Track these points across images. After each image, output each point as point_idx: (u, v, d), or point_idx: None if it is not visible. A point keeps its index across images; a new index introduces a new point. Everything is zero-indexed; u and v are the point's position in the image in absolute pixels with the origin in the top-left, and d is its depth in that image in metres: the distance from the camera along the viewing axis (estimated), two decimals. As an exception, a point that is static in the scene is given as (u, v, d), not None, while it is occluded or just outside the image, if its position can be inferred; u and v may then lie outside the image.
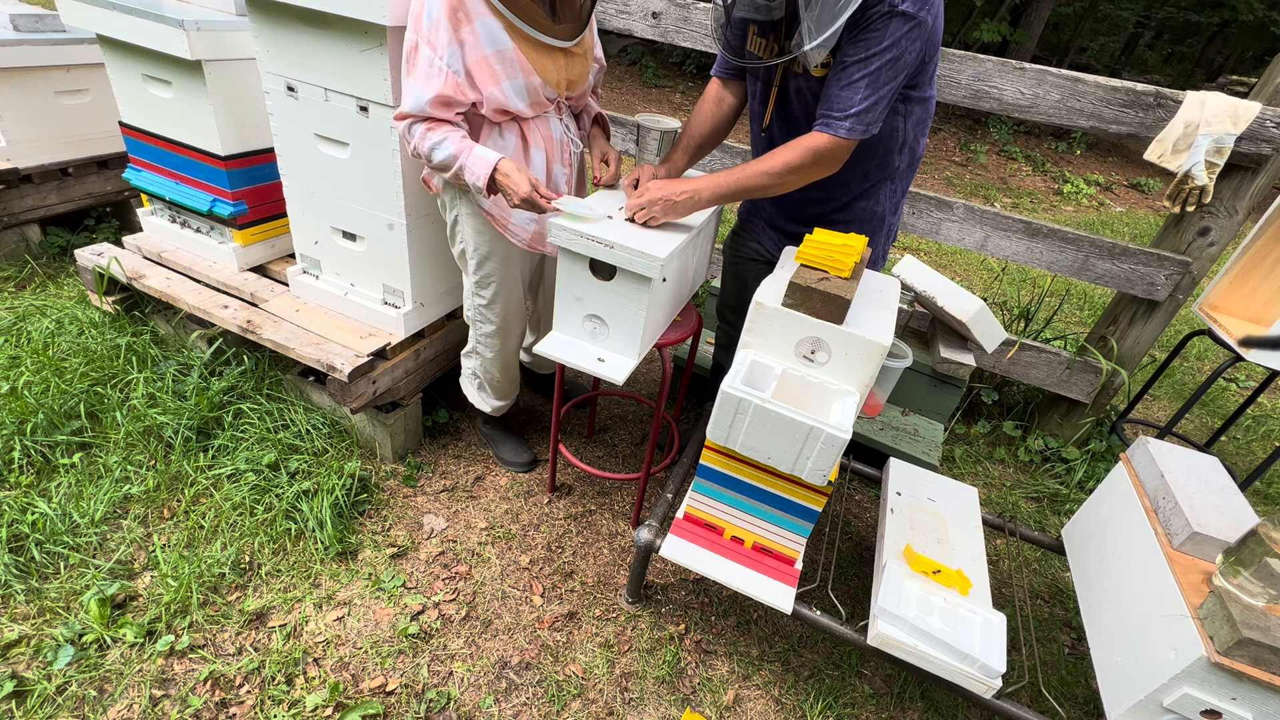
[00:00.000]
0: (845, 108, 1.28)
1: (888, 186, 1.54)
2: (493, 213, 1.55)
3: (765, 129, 1.53)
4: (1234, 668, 1.02)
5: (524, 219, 1.57)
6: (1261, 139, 1.89)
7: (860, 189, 1.53)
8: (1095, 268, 2.22)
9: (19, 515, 1.61)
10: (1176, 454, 1.44)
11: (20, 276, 2.50)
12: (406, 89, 1.36)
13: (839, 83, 1.28)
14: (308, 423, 1.95)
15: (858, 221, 1.57)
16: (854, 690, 1.61)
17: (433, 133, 1.37)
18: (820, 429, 1.14)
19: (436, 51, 1.31)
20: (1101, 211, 6.59)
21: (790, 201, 1.60)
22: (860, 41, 1.23)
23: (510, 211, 1.55)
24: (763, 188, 1.40)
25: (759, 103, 1.54)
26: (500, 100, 1.39)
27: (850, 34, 1.24)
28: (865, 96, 1.27)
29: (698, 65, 8.87)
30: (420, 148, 1.39)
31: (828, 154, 1.34)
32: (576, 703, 1.48)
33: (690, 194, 1.43)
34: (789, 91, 1.44)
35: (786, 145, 1.36)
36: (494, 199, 1.51)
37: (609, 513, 2.00)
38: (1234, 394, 3.36)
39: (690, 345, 2.05)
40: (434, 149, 1.38)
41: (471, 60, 1.34)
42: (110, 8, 1.74)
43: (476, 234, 1.60)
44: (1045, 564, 2.08)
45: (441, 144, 1.37)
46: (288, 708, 1.37)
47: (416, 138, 1.38)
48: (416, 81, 1.34)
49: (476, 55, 1.34)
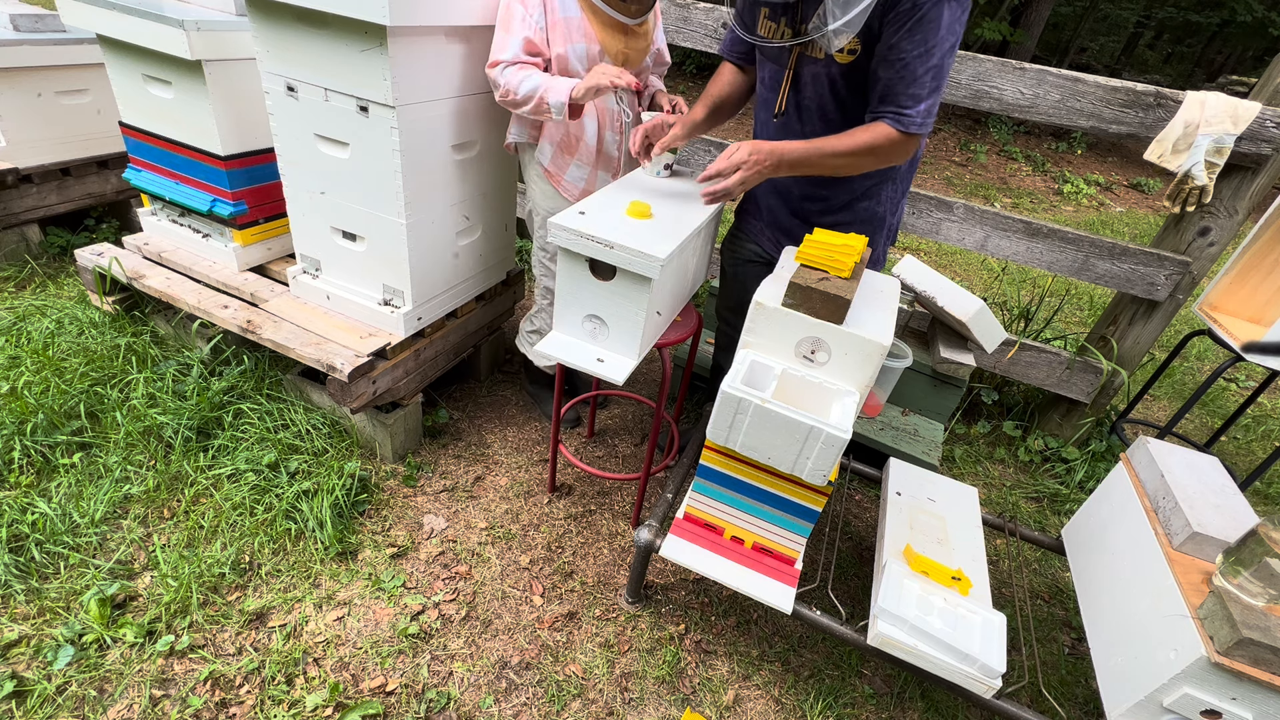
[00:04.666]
0: (914, 103, 1.26)
1: (889, 187, 1.54)
2: (551, 170, 1.80)
3: (779, 115, 1.49)
4: (1234, 668, 1.02)
5: (575, 176, 1.82)
6: (1261, 139, 1.89)
7: (862, 189, 1.52)
8: (1095, 268, 2.22)
9: (19, 515, 1.61)
10: (1176, 454, 1.44)
11: (20, 276, 2.50)
12: (500, 41, 1.59)
13: (903, 79, 1.25)
14: (308, 423, 1.95)
15: (859, 222, 1.57)
16: (854, 690, 1.61)
17: (521, 70, 1.59)
18: (820, 429, 1.14)
19: (527, 9, 1.57)
20: (1101, 211, 6.59)
21: (792, 199, 1.60)
22: (917, 34, 1.20)
23: (566, 168, 1.80)
24: (832, 166, 1.37)
25: (770, 89, 1.50)
26: (566, 60, 1.63)
27: (900, 25, 1.20)
28: (933, 90, 1.26)
29: (698, 65, 8.87)
30: (510, 83, 1.59)
31: (899, 147, 1.32)
32: (576, 703, 1.48)
33: (775, 155, 1.37)
34: (804, 78, 1.41)
35: (862, 128, 1.33)
36: (553, 156, 1.78)
37: (609, 513, 2.00)
38: (1234, 394, 3.36)
39: (690, 345, 2.05)
40: (521, 83, 1.58)
41: (550, 21, 1.60)
42: (110, 8, 1.74)
43: (542, 194, 1.85)
44: (1045, 564, 2.08)
45: (527, 78, 1.58)
46: (288, 708, 1.37)
47: (507, 76, 1.59)
48: (512, 32, 1.58)
49: (554, 18, 1.60)
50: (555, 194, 1.83)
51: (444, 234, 1.86)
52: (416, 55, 1.52)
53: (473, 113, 1.78)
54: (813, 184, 1.52)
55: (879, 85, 1.29)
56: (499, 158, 1.96)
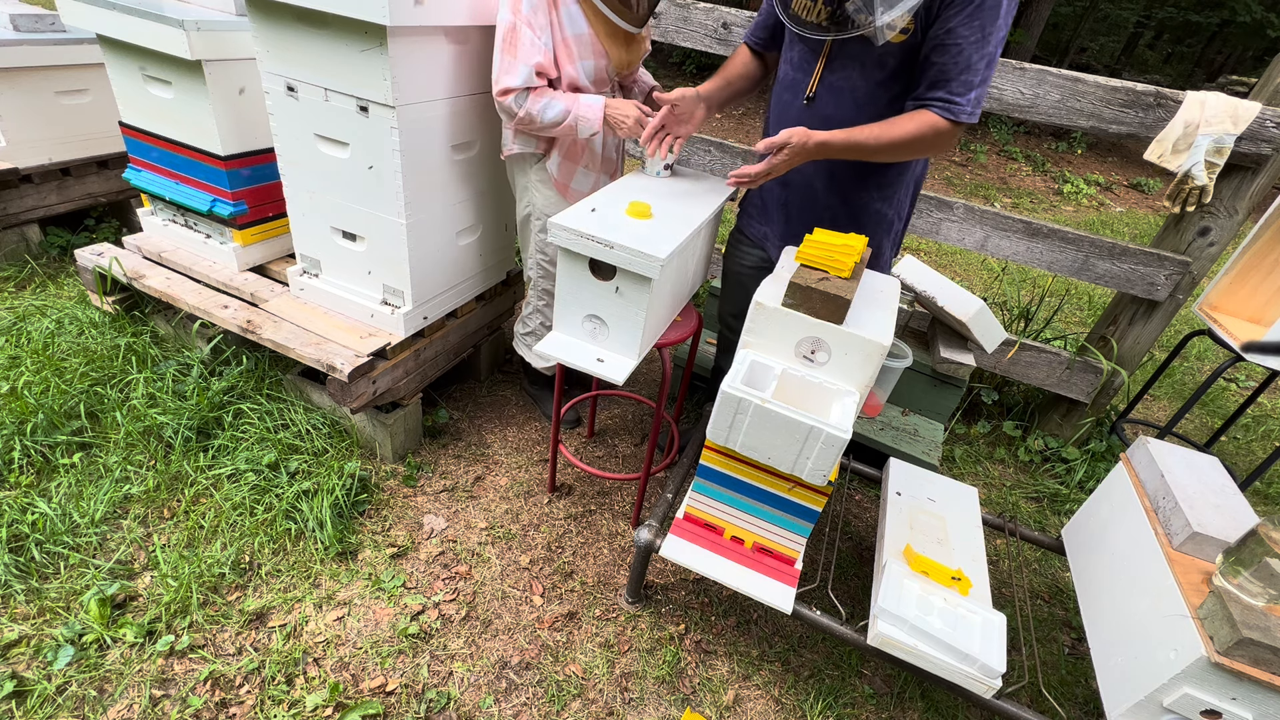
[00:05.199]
0: (965, 90, 1.24)
1: (902, 191, 1.53)
2: (557, 177, 1.78)
3: (810, 100, 1.43)
4: (1234, 668, 1.02)
5: (582, 183, 1.82)
6: (1261, 139, 1.89)
7: (879, 192, 1.50)
8: (1095, 268, 2.22)
9: (19, 515, 1.61)
10: (1176, 454, 1.44)
11: (20, 276, 2.50)
12: (508, 66, 1.54)
13: (956, 65, 1.23)
14: (308, 423, 1.95)
15: (870, 225, 1.55)
16: (854, 690, 1.61)
17: (541, 97, 1.58)
18: (820, 429, 1.14)
19: (535, 31, 1.53)
20: (1101, 211, 6.59)
21: (811, 197, 1.56)
22: (976, 20, 1.19)
23: (573, 175, 1.79)
24: (875, 151, 1.34)
25: (799, 70, 1.44)
26: (573, 77, 1.62)
27: (960, 9, 1.19)
28: (984, 80, 1.24)
29: (698, 65, 8.87)
30: (531, 110, 1.58)
31: (946, 137, 1.30)
32: (576, 703, 1.48)
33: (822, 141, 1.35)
34: (839, 58, 1.36)
35: (906, 118, 1.31)
36: (560, 165, 1.77)
37: (609, 513, 2.00)
38: (1234, 394, 3.36)
39: (690, 345, 2.05)
40: (544, 109, 1.58)
41: (557, 40, 1.58)
42: (110, 8, 1.74)
43: (544, 198, 1.82)
44: (1045, 564, 2.08)
45: (550, 104, 1.58)
46: (288, 708, 1.37)
47: (527, 104, 1.57)
48: (520, 57, 1.53)
49: (560, 36, 1.57)
50: (563, 201, 1.82)
51: (444, 234, 1.86)
52: (416, 55, 1.52)
53: (472, 113, 1.78)
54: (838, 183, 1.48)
55: (931, 70, 1.26)
56: (499, 158, 1.96)
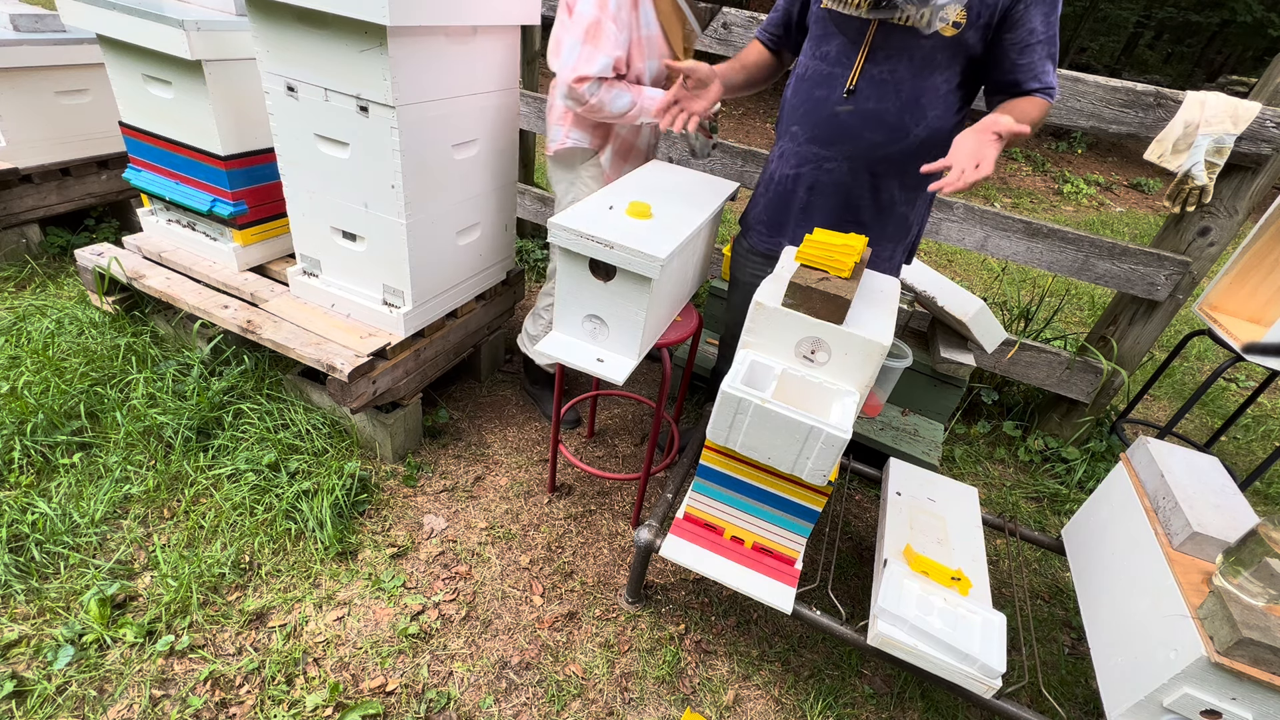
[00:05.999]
0: (1052, 74, 1.31)
1: (925, 194, 1.52)
2: (610, 173, 1.88)
3: (850, 92, 1.38)
4: (1234, 668, 1.02)
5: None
6: (1261, 139, 1.89)
7: (906, 194, 1.49)
8: (1095, 268, 2.22)
9: (19, 515, 1.61)
10: (1176, 454, 1.44)
11: (20, 276, 2.50)
12: (588, 55, 1.61)
13: (1037, 54, 1.29)
14: (308, 423, 1.95)
15: (892, 226, 1.54)
16: (854, 690, 1.61)
17: (612, 88, 1.66)
18: (820, 429, 1.14)
19: (619, 27, 1.62)
20: (1101, 211, 6.59)
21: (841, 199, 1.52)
22: (1045, 6, 1.25)
23: (621, 170, 1.90)
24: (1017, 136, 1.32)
25: (835, 65, 1.40)
26: (641, 72, 1.73)
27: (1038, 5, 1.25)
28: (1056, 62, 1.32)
29: (698, 65, 8.86)
30: (602, 99, 1.65)
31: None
32: (576, 703, 1.48)
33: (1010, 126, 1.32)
34: (882, 51, 1.33)
35: (1027, 102, 1.32)
36: (613, 161, 1.87)
37: (609, 513, 2.00)
38: (1234, 394, 3.36)
39: (690, 345, 2.05)
40: (614, 99, 1.66)
41: (633, 38, 1.67)
42: (110, 8, 1.74)
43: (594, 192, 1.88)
44: (1045, 564, 2.08)
45: (620, 94, 1.67)
46: (288, 708, 1.37)
47: (599, 93, 1.65)
48: (602, 49, 1.61)
49: (635, 35, 1.67)
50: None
51: (444, 234, 1.86)
52: (416, 55, 1.52)
53: (473, 113, 1.78)
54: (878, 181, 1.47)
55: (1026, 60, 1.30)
56: (499, 158, 1.96)
